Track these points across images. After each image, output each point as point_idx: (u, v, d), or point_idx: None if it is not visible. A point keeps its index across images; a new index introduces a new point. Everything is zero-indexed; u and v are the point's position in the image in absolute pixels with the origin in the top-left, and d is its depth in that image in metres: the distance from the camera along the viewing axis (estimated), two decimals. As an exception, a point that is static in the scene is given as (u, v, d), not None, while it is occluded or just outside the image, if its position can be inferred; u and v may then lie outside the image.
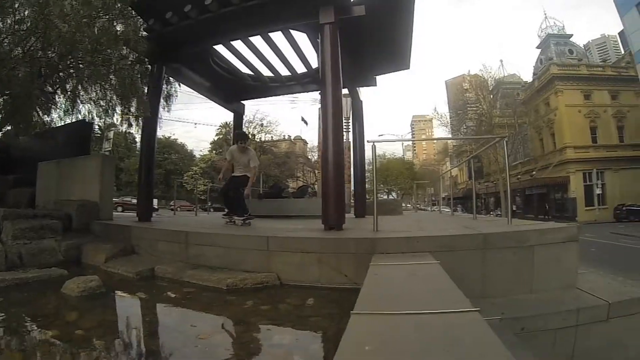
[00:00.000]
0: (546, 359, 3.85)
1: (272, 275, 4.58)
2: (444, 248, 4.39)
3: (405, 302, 2.55)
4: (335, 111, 6.60)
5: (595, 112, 39.69)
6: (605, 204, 37.65)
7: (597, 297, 4.32)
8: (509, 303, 4.13)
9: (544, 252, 4.57)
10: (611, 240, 21.67)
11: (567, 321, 4.01)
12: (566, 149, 38.86)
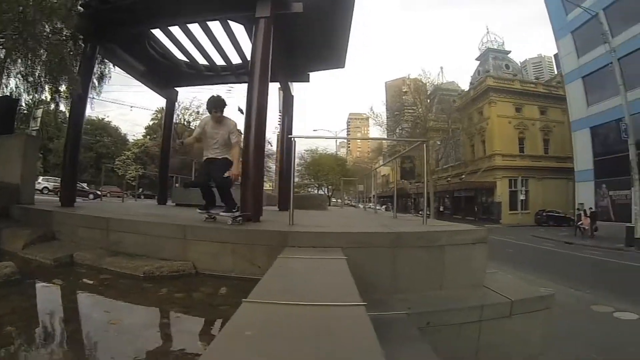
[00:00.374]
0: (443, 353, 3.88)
1: (188, 263, 4.61)
2: (355, 244, 4.49)
3: (298, 294, 2.63)
4: (260, 105, 6.64)
5: (524, 124, 42.51)
6: (528, 209, 40.41)
7: (502, 295, 4.58)
8: (418, 299, 4.28)
9: (454, 252, 4.78)
10: (530, 242, 23.31)
11: (471, 317, 4.23)
12: (495, 156, 41.31)
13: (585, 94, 30.40)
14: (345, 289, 2.72)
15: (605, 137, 28.60)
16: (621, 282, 11.91)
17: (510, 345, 4.45)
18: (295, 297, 2.47)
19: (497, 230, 31.07)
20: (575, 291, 9.61)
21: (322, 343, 1.76)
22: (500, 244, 20.67)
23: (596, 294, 9.43)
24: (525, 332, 4.53)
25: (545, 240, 24.33)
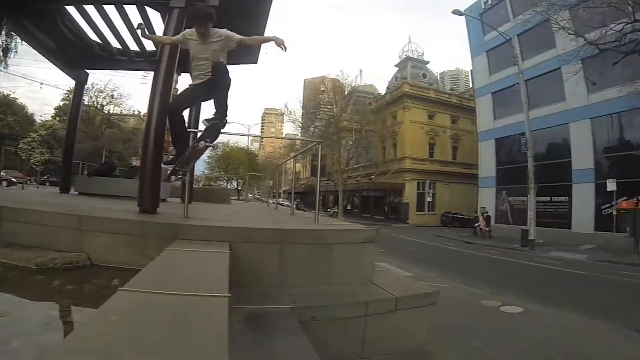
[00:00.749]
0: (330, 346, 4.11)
1: (82, 255, 4.40)
2: (242, 239, 4.52)
3: (170, 284, 2.65)
4: (163, 95, 6.31)
5: (435, 131, 44.83)
6: (434, 211, 42.77)
7: (388, 291, 4.74)
8: (304, 294, 4.37)
9: (342, 250, 4.91)
10: (434, 241, 24.79)
11: (357, 312, 4.38)
12: (405, 159, 43.10)
13: (493, 108, 33.28)
14: (217, 281, 2.80)
15: (507, 149, 31.53)
16: (512, 279, 13.30)
17: (397, 338, 4.70)
18: (166, 287, 2.53)
19: (404, 229, 33.07)
20: (469, 287, 10.12)
21: (175, 329, 1.86)
22: (405, 243, 22.37)
23: (488, 289, 9.96)
24: (410, 326, 4.82)
25: (447, 240, 25.96)
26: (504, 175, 31.57)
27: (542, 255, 19.72)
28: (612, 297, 10.97)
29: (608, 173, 23.27)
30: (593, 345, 5.87)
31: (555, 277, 13.92)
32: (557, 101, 27.33)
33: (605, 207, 23.40)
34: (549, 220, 26.33)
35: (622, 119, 24.16)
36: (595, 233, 23.97)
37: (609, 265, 16.68)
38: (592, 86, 23.82)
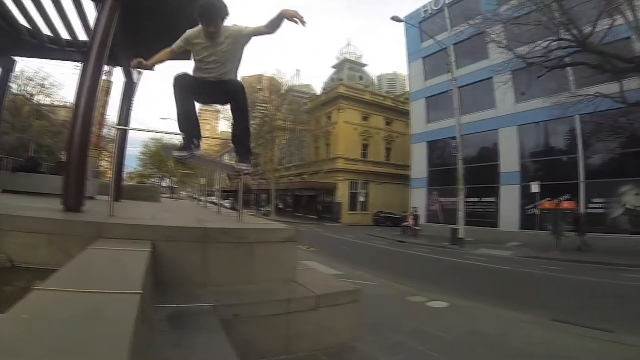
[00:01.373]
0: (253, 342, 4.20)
1: (2, 256, 4.12)
2: (164, 238, 4.49)
3: (88, 282, 2.65)
4: (90, 87, 6.05)
5: (369, 132, 45.66)
6: (367, 210, 43.48)
7: (309, 289, 4.80)
8: (227, 292, 4.38)
9: (263, 249, 4.92)
10: (365, 240, 25.31)
11: (279, 309, 4.42)
12: (338, 159, 43.49)
13: (426, 112, 34.59)
14: (133, 279, 2.77)
15: (439, 151, 32.95)
16: (440, 275, 13.92)
17: (321, 335, 4.73)
18: (80, 285, 2.51)
19: (337, 228, 33.35)
20: (397, 284, 10.24)
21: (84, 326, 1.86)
22: (336, 242, 22.65)
23: (415, 285, 10.13)
24: (333, 323, 4.85)
25: (379, 239, 26.42)
26: (435, 176, 32.96)
27: (470, 252, 20.53)
28: (534, 289, 11.93)
29: (532, 176, 25.14)
30: (514, 335, 6.25)
31: (482, 272, 14.75)
32: (487, 108, 28.96)
33: (529, 207, 25.27)
34: (477, 219, 28.01)
35: (546, 127, 26.09)
36: (520, 231, 25.83)
37: (532, 261, 17.84)
38: (521, 96, 25.56)
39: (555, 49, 17.86)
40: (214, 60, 4.26)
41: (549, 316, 7.71)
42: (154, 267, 4.07)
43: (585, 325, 6.96)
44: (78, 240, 4.10)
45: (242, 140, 4.76)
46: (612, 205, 22.73)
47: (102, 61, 6.21)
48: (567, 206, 21.91)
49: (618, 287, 12.17)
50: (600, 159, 23.88)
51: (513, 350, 5.50)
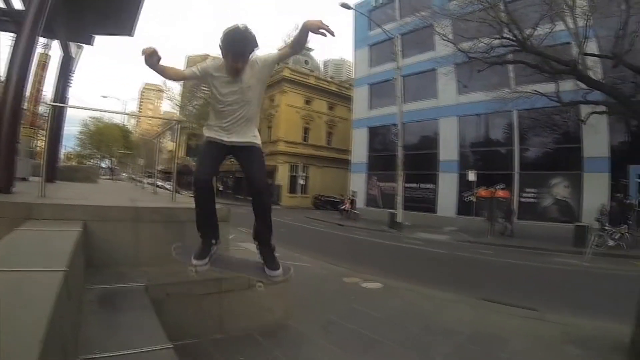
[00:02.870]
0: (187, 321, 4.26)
1: None
2: (97, 218, 4.42)
3: (11, 262, 2.58)
4: (23, 60, 5.75)
5: (311, 116, 45.79)
6: (307, 193, 43.74)
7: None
8: (159, 272, 4.35)
9: (195, 228, 4.51)
10: (304, 223, 25.51)
11: (211, 289, 4.47)
12: (279, 142, 43.34)
13: (369, 98, 35.00)
14: (58, 258, 2.70)
15: (380, 138, 33.61)
16: (376, 258, 14.24)
17: (255, 314, 4.81)
18: (4, 265, 2.44)
19: (276, 211, 31.43)
20: (333, 265, 10.27)
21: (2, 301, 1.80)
22: (275, 224, 21.85)
23: (351, 267, 10.22)
24: (267, 302, 4.93)
25: (318, 222, 26.71)
26: (375, 161, 33.50)
27: (408, 236, 21.09)
28: (466, 272, 12.51)
29: (470, 165, 26.04)
30: (444, 314, 6.45)
31: (418, 255, 15.23)
32: (429, 98, 29.66)
33: (466, 195, 26.21)
34: (416, 204, 28.86)
35: (485, 120, 27.14)
36: (457, 217, 26.87)
37: (467, 245, 18.60)
38: (463, 88, 26.46)
39: (498, 46, 18.52)
40: (235, 100, 3.56)
41: (478, 296, 8.07)
42: (86, 248, 4.06)
43: (512, 304, 7.29)
44: (7, 222, 3.90)
45: (267, 238, 4.02)
46: (544, 195, 24.24)
47: (36, 32, 5.85)
48: (502, 195, 23.08)
49: (544, 270, 12.99)
50: (534, 152, 25.37)
51: (442, 328, 5.67)
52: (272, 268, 3.89)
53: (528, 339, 5.39)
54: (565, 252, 16.63)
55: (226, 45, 3.30)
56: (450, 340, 4.45)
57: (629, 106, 17.04)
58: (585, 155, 22.68)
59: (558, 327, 5.95)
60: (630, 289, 5.08)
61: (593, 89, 17.94)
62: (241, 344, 4.43)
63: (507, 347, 5.09)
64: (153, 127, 62.24)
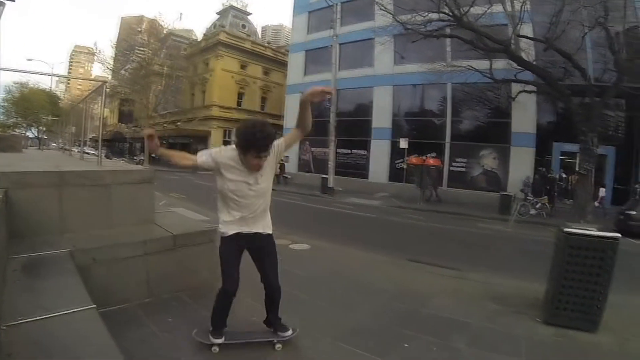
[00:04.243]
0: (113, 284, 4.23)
1: None
2: (19, 185, 4.26)
3: None
4: None
5: (246, 81, 45.17)
6: None
7: (167, 230, 4.90)
8: (85, 237, 4.30)
9: (120, 191, 4.88)
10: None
11: (137, 251, 4.44)
12: (213, 107, 42.89)
13: (305, 64, 34.72)
14: None
15: (313, 104, 33.08)
16: (306, 221, 14.46)
17: (181, 276, 4.87)
18: None
19: (210, 177, 31.60)
20: None
21: None
22: (208, 190, 21.11)
23: (281, 230, 9.09)
24: (193, 263, 5.02)
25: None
26: None
27: (339, 201, 21.47)
28: (395, 234, 12.87)
29: (403, 134, 26.43)
30: (371, 274, 6.66)
31: (348, 219, 15.48)
32: (366, 66, 29.80)
33: (398, 162, 26.86)
34: (348, 170, 29.39)
35: (420, 90, 27.69)
36: (389, 183, 27.47)
37: (398, 210, 19.00)
38: (400, 59, 26.95)
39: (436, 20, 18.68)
40: (250, 192, 3.44)
41: (405, 257, 8.34)
42: (8, 216, 3.91)
43: (437, 264, 7.62)
44: None
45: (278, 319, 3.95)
46: (473, 165, 25.35)
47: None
48: (433, 163, 23.57)
49: (469, 234, 13.52)
50: (466, 125, 26.29)
51: (368, 286, 5.77)
52: (282, 331, 3.88)
53: (450, 296, 5.74)
54: (490, 219, 17.42)
55: (249, 142, 3.18)
56: (375, 298, 4.61)
57: (556, 88, 17.87)
58: (514, 130, 24.00)
59: (479, 286, 6.38)
60: (547, 253, 5.32)
61: (524, 69, 18.69)
62: (169, 305, 4.51)
63: (430, 303, 5.39)
64: (84, 93, 59.39)
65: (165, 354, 3.57)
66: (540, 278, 5.52)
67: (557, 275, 4.91)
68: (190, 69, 46.78)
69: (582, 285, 4.77)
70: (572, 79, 18.24)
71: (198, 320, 4.08)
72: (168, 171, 31.47)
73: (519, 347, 4.29)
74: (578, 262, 4.76)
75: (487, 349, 4.21)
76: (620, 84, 16.93)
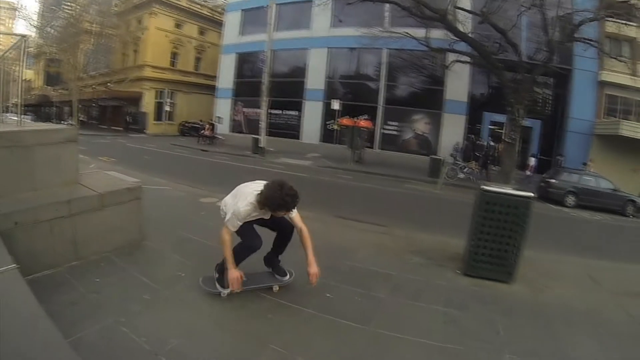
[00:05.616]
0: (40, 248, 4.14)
1: None
2: None
3: None
4: None
5: (181, 40, 43.33)
6: (173, 120, 42.10)
7: (92, 189, 4.79)
8: (6, 201, 4.16)
9: (43, 152, 4.71)
10: (169, 150, 24.82)
11: (61, 212, 4.32)
12: (145, 67, 40.89)
13: (241, 24, 34.00)
14: None
15: (248, 64, 33.31)
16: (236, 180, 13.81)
17: (109, 235, 4.82)
18: None
19: (142, 139, 31.85)
20: (192, 188, 10.48)
21: None
22: (139, 152, 21.99)
23: (210, 189, 10.31)
24: (120, 222, 4.98)
25: (183, 148, 26.20)
26: (242, 87, 33.28)
27: (270, 161, 21.64)
28: (324, 193, 13.02)
29: (337, 95, 26.83)
30: None
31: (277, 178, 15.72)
32: (303, 28, 29.71)
33: (329, 123, 27.18)
34: (281, 131, 29.46)
35: (356, 54, 27.83)
36: (321, 144, 27.90)
37: (328, 170, 19.31)
38: (338, 22, 27.32)
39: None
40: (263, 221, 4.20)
41: (334, 214, 8.63)
42: None
43: (364, 221, 7.91)
44: None
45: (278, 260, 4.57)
46: (405, 129, 26.25)
47: None
48: (364, 124, 23.76)
49: (398, 194, 14.13)
50: (400, 90, 27.18)
51: (293, 240, 5.47)
52: (281, 275, 4.45)
53: (375, 249, 6.09)
54: (420, 181, 18.20)
55: (283, 205, 3.83)
56: (300, 250, 4.45)
57: (489, 61, 18.64)
58: (447, 98, 25.11)
59: (403, 240, 6.87)
60: (471, 213, 5.62)
61: (460, 39, 19.14)
62: (97, 267, 4.47)
63: (354, 256, 5.72)
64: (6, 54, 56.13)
65: (92, 314, 3.52)
66: (462, 234, 5.86)
67: (474, 229, 5.34)
68: (123, 27, 44.10)
69: (498, 239, 5.23)
70: (506, 54, 19.04)
71: (125, 278, 4.27)
72: (98, 135, 30.68)
73: (438, 296, 4.70)
74: (493, 217, 5.20)
75: (408, 297, 4.58)
76: (549, 63, 17.99)
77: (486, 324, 4.14)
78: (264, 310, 3.91)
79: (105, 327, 3.32)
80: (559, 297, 5.10)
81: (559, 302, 4.93)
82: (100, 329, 3.28)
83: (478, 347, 3.66)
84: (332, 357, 3.31)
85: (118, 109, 44.24)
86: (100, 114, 47.08)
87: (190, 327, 3.48)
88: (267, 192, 3.81)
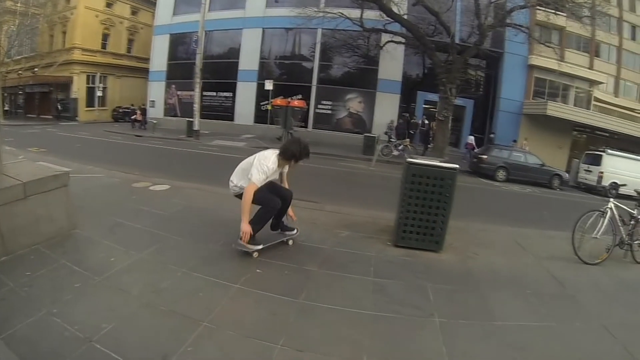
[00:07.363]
0: None
1: None
2: None
3: None
4: None
5: (112, 21, 41.23)
6: (105, 106, 40.61)
7: (15, 179, 4.56)
8: None
9: None
10: (102, 137, 24.01)
11: None
12: (74, 50, 38.65)
13: (174, 5, 33.14)
14: None
15: (182, 46, 32.47)
16: (168, 164, 14.75)
17: (38, 226, 4.64)
18: None
19: (73, 127, 30.82)
20: (125, 174, 10.22)
21: None
22: (71, 140, 21.20)
23: (142, 174, 10.31)
24: (48, 211, 4.80)
25: (116, 135, 25.60)
26: (175, 70, 32.69)
27: (204, 143, 21.60)
28: None
29: (271, 76, 26.82)
30: (225, 208, 6.66)
31: (211, 160, 16.03)
32: (237, 8, 29.38)
33: (263, 104, 26.98)
34: (214, 113, 29.37)
35: (290, 35, 28.33)
36: (255, 125, 27.95)
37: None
38: (274, 2, 27.99)
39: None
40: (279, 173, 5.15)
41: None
42: None
43: (298, 198, 7.79)
44: None
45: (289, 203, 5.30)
46: (339, 108, 26.79)
47: None
48: (297, 104, 23.88)
49: (333, 172, 14.76)
50: (334, 70, 27.74)
51: (222, 220, 6.14)
52: (290, 231, 5.38)
53: (307, 225, 6.11)
54: (354, 159, 18.72)
55: (303, 155, 4.89)
56: (228, 229, 4.88)
57: (422, 42, 19.53)
58: (380, 77, 25.78)
59: (335, 216, 7.13)
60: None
61: (394, 20, 19.74)
62: (27, 260, 4.30)
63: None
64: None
65: (23, 308, 3.44)
66: (394, 208, 6.12)
67: (402, 202, 5.57)
68: (49, 6, 41.05)
69: (425, 210, 5.49)
70: (440, 36, 20.15)
71: (56, 269, 4.14)
72: (26, 125, 29.53)
73: (368, 267, 4.88)
74: (420, 189, 5.45)
75: (339, 269, 4.75)
76: (480, 45, 19.15)
77: (417, 291, 4.35)
78: (196, 289, 3.95)
79: (37, 319, 3.28)
80: (488, 263, 5.44)
81: (487, 268, 5.26)
82: (32, 322, 3.24)
83: (409, 313, 3.85)
84: (261, 328, 3.37)
85: (47, 96, 41.81)
86: (28, 102, 44.08)
87: (121, 311, 3.49)
88: (289, 146, 4.83)
